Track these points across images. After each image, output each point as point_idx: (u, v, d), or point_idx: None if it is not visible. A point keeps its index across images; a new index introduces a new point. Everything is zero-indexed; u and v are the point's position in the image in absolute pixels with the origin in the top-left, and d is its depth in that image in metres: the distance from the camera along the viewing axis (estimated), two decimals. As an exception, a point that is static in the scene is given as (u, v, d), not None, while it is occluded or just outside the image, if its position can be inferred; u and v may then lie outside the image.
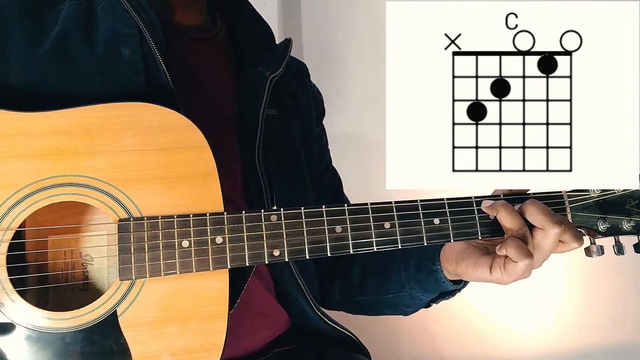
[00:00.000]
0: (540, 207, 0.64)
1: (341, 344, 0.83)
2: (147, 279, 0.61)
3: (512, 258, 0.63)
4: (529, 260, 0.62)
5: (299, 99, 0.91)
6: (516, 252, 0.62)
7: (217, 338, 0.62)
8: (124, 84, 0.68)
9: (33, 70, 0.66)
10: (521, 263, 0.62)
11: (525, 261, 0.62)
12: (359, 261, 0.89)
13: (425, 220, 0.67)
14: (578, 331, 1.60)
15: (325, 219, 0.64)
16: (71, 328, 0.59)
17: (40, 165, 0.60)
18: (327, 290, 0.91)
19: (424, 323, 1.58)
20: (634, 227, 0.70)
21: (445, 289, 0.77)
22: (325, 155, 0.97)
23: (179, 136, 0.63)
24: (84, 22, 0.69)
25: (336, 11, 1.56)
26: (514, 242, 0.63)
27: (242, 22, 0.86)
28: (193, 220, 0.62)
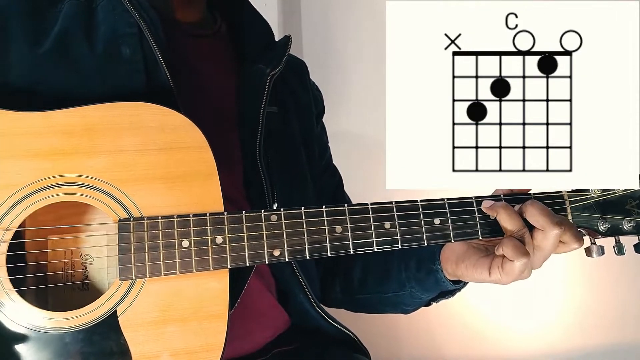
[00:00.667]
0: (540, 208, 0.64)
1: (341, 343, 0.83)
2: (147, 279, 0.61)
3: (508, 257, 0.63)
4: (526, 259, 0.62)
5: (299, 97, 0.91)
6: (513, 252, 0.62)
7: (217, 338, 0.62)
8: (124, 83, 0.68)
9: (33, 70, 0.66)
10: (518, 262, 0.62)
11: (522, 260, 0.62)
12: (359, 261, 0.89)
13: (425, 221, 0.67)
14: (579, 331, 1.60)
15: (326, 219, 0.64)
16: (71, 328, 0.59)
17: (40, 165, 0.60)
18: (328, 288, 0.91)
19: (424, 323, 1.58)
20: (634, 227, 0.70)
21: (445, 289, 0.77)
22: (325, 153, 0.97)
23: (179, 136, 0.63)
24: (84, 21, 0.69)
25: (336, 11, 1.56)
26: (511, 241, 0.63)
27: (242, 20, 0.86)
28: (193, 220, 0.62)
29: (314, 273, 0.86)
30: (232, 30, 0.88)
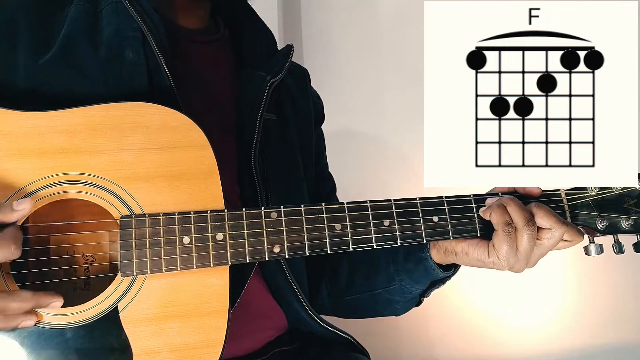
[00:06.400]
0: (547, 210, 0.66)
1: (340, 344, 0.83)
2: (148, 276, 0.61)
3: (495, 226, 0.66)
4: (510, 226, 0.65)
5: (299, 104, 0.92)
6: (497, 218, 0.65)
7: (218, 334, 0.62)
8: (127, 85, 0.69)
9: (39, 72, 0.67)
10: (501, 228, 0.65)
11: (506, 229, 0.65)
12: (345, 261, 0.88)
13: (424, 218, 0.67)
14: (577, 331, 1.60)
15: (325, 216, 0.65)
16: (73, 324, 0.59)
17: (44, 163, 0.61)
18: (314, 295, 0.90)
19: (424, 323, 1.58)
20: (632, 225, 0.71)
21: (436, 277, 0.77)
22: (321, 161, 0.98)
23: (180, 135, 0.64)
24: (89, 25, 0.71)
25: (336, 11, 1.58)
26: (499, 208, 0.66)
27: (246, 28, 0.88)
28: (194, 217, 0.63)
29: (306, 280, 0.86)
30: (235, 36, 0.89)
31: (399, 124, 1.55)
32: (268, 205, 0.76)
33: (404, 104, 1.55)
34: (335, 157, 1.01)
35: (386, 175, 1.47)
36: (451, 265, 0.76)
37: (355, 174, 1.16)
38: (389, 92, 1.54)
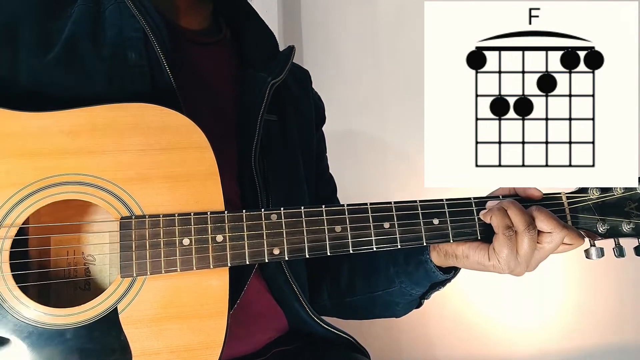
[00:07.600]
0: (547, 213, 0.66)
1: (340, 345, 0.83)
2: (148, 277, 0.61)
3: (495, 229, 0.66)
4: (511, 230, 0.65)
5: (300, 106, 0.92)
6: (498, 221, 0.66)
7: (217, 336, 0.62)
8: (129, 86, 0.69)
9: (41, 72, 0.67)
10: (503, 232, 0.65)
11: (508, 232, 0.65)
12: (346, 262, 0.89)
13: (424, 221, 0.67)
14: (577, 332, 1.60)
15: (325, 218, 0.65)
16: (72, 324, 0.59)
17: (45, 163, 0.61)
18: (315, 296, 0.90)
19: (424, 324, 1.58)
20: (633, 229, 0.70)
21: (436, 279, 0.77)
22: (322, 163, 0.98)
23: (181, 136, 0.64)
24: (92, 25, 0.70)
25: (336, 11, 1.57)
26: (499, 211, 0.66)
27: (247, 29, 0.87)
28: (194, 219, 0.63)
29: (306, 280, 0.86)
30: (237, 38, 0.89)
31: (399, 124, 1.55)
32: (268, 206, 0.76)
33: (404, 104, 1.55)
34: (335, 157, 1.01)
35: (386, 175, 1.48)
36: (451, 267, 0.76)
37: (355, 174, 1.16)
38: (389, 92, 1.54)
